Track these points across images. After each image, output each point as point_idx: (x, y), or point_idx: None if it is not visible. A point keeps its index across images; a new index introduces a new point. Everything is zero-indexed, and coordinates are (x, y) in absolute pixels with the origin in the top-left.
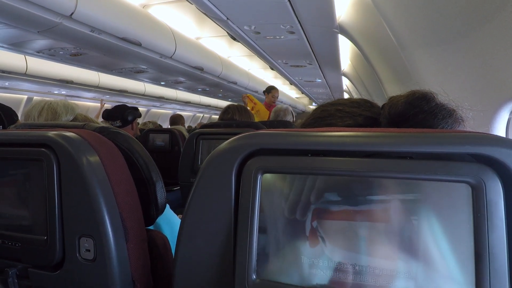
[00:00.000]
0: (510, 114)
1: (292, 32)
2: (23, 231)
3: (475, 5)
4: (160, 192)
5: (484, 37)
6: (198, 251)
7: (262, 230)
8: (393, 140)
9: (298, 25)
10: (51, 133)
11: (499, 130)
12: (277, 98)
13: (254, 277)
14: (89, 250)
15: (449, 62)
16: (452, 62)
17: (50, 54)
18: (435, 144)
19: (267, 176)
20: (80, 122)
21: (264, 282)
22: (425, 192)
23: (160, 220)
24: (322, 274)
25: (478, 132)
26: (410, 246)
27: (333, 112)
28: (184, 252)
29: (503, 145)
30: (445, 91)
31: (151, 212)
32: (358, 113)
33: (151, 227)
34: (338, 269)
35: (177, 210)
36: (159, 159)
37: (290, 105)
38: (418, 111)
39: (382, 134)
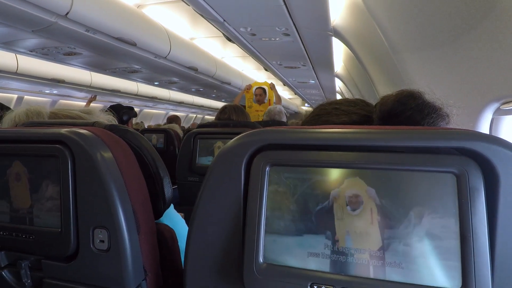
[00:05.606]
0: (493, 114)
1: (287, 34)
2: (37, 225)
3: (461, 13)
4: (167, 187)
5: (469, 43)
6: (208, 239)
7: (269, 217)
8: (389, 136)
9: (293, 27)
10: (64, 130)
11: (484, 128)
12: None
13: (262, 260)
14: (103, 241)
15: (437, 66)
16: (440, 66)
17: (43, 53)
18: (425, 139)
19: (275, 168)
20: (90, 121)
21: (269, 265)
22: (416, 182)
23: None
24: (325, 259)
25: (462, 129)
26: (404, 231)
27: (330, 110)
28: (196, 240)
29: (483, 140)
30: (432, 90)
31: (158, 206)
32: (353, 111)
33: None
34: (339, 253)
35: (174, 208)
36: None
37: (283, 105)
38: (406, 108)
39: (380, 131)
